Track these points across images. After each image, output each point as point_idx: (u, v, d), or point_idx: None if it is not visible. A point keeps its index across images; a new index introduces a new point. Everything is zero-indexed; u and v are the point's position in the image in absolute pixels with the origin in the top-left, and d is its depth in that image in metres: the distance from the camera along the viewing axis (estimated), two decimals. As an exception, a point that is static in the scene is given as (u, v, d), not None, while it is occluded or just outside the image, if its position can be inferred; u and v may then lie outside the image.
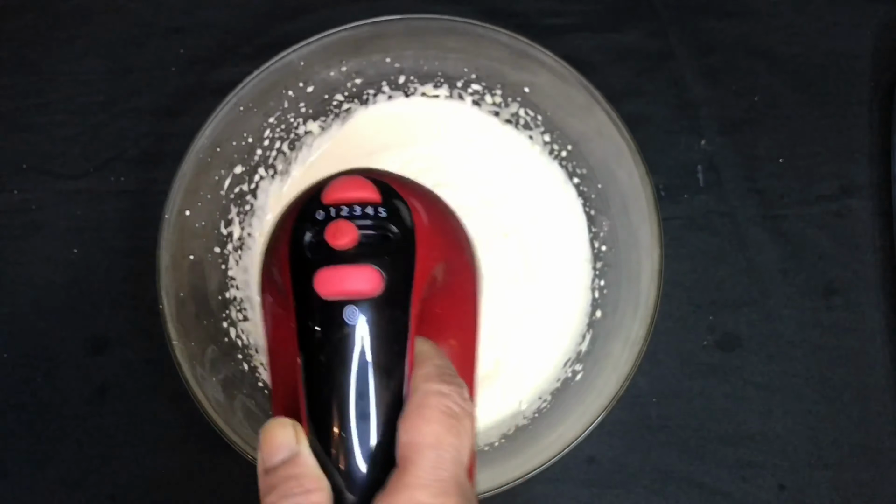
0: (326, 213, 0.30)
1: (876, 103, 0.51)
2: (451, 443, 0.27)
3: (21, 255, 0.49)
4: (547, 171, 0.47)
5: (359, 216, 0.30)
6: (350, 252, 0.29)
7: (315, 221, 0.30)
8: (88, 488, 0.47)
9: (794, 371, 0.48)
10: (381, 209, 0.30)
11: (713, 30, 0.52)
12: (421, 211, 0.32)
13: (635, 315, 0.41)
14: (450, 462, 0.27)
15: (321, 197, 0.31)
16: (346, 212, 0.30)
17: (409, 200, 0.32)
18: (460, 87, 0.47)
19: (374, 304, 0.29)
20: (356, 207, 0.30)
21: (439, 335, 0.34)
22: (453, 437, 0.27)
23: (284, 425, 0.29)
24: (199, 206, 0.43)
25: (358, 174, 0.32)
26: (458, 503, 0.26)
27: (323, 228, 0.30)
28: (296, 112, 0.46)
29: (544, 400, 0.44)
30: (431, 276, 0.32)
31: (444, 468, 0.27)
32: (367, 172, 0.33)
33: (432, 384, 0.28)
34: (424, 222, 0.32)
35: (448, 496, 0.26)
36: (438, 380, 0.29)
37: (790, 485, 0.46)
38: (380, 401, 0.28)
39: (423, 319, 0.30)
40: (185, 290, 0.42)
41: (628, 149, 0.42)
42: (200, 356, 0.41)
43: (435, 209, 0.35)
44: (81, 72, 0.52)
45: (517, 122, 0.48)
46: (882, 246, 0.49)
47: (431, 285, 0.32)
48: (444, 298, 0.34)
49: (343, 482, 0.28)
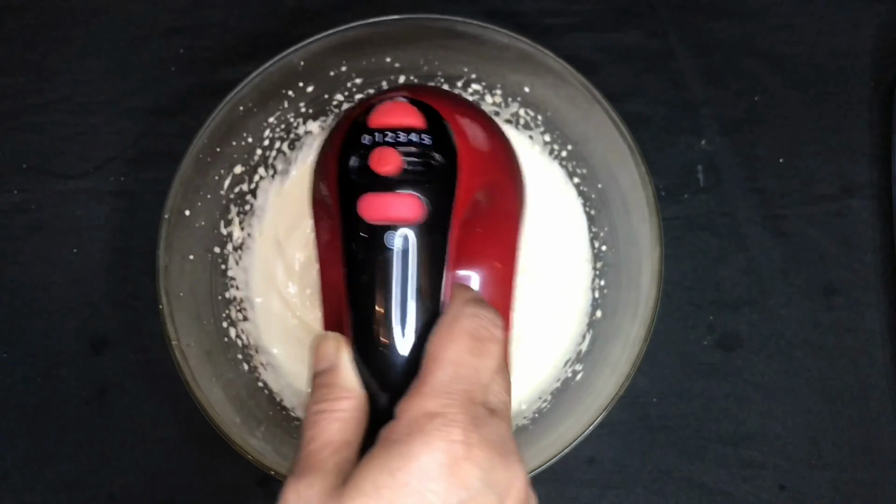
0: (372, 138, 0.31)
1: (876, 103, 0.51)
2: (470, 361, 0.29)
3: (21, 255, 0.49)
4: (547, 171, 0.47)
5: (403, 143, 0.31)
6: (394, 179, 0.30)
7: (361, 146, 0.31)
8: (88, 488, 0.47)
9: (794, 371, 0.48)
10: (426, 136, 0.31)
11: (713, 30, 0.52)
12: (467, 134, 0.33)
13: (635, 315, 0.41)
14: (465, 378, 0.29)
15: (367, 120, 0.32)
16: (390, 137, 0.31)
17: (455, 124, 0.32)
18: (460, 87, 0.47)
19: (415, 230, 0.30)
20: (401, 133, 0.31)
21: (480, 254, 0.35)
22: (473, 357, 0.29)
23: (328, 338, 0.31)
24: (198, 206, 0.43)
25: (406, 95, 0.32)
26: (464, 417, 0.27)
27: (368, 154, 0.31)
28: (296, 112, 0.46)
29: (544, 400, 0.44)
30: (474, 201, 0.33)
31: (458, 382, 0.28)
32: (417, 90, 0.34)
33: (467, 307, 0.30)
34: (469, 147, 0.33)
35: (455, 408, 0.28)
36: (473, 304, 0.30)
37: (790, 485, 0.46)
38: (415, 318, 0.30)
39: (464, 240, 0.32)
40: (185, 290, 0.42)
41: (628, 149, 0.42)
42: (200, 356, 0.41)
43: (483, 131, 0.36)
44: (81, 72, 0.52)
45: (517, 122, 0.48)
46: (882, 246, 0.49)
47: (474, 208, 0.33)
48: (487, 219, 0.35)
49: (379, 391, 0.30)
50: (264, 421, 0.42)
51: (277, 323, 0.45)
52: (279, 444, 0.41)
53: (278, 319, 0.45)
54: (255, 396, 0.43)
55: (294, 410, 0.44)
